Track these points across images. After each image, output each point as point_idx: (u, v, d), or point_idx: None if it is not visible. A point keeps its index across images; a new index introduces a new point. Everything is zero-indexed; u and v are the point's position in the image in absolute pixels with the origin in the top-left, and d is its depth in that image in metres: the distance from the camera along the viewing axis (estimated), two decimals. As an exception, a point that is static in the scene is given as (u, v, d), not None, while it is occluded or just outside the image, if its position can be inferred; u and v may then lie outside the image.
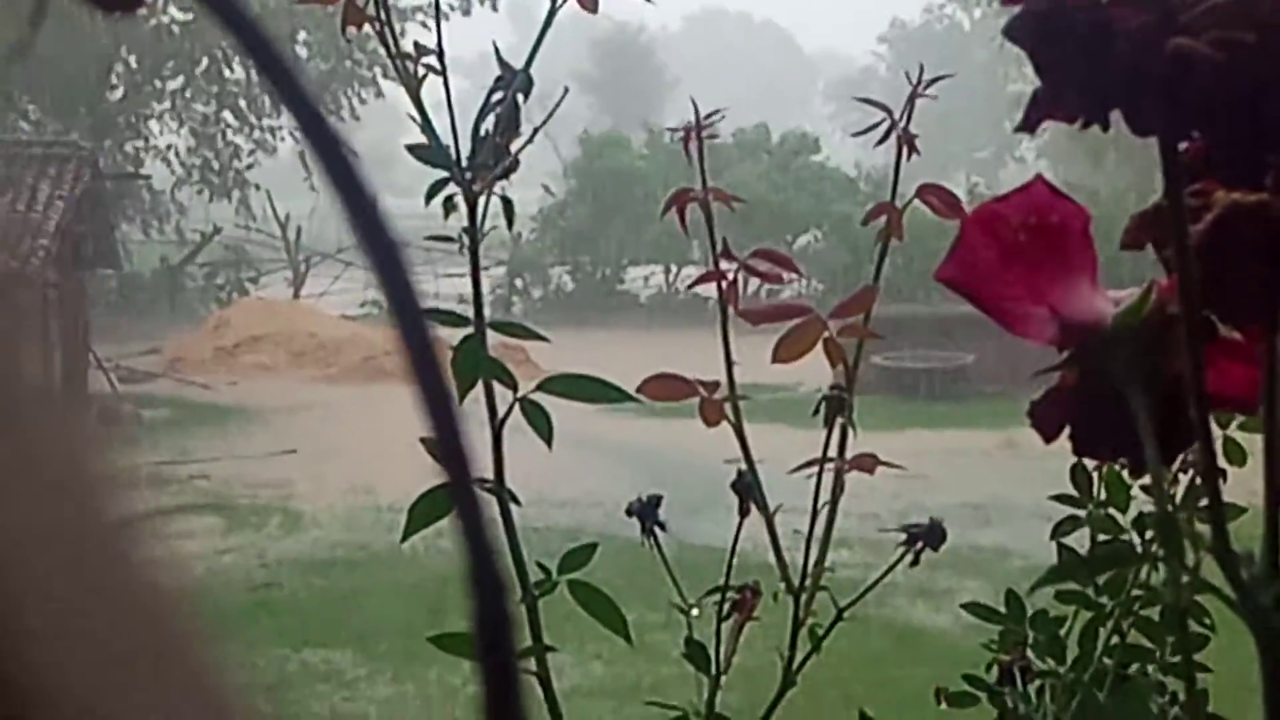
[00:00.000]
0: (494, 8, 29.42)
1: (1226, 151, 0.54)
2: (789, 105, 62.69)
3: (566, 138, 29.66)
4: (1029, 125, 0.55)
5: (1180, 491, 1.68)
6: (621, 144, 28.92)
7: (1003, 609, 1.94)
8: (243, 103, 29.26)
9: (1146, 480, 0.68)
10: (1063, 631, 1.92)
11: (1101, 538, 1.92)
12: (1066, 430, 0.68)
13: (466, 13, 29.60)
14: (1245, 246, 0.56)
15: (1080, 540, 1.92)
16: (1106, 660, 1.90)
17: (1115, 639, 1.89)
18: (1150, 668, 1.89)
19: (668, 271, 27.83)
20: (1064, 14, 0.53)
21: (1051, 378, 0.68)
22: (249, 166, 30.20)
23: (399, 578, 9.62)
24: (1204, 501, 1.09)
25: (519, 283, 29.33)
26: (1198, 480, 1.58)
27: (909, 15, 61.65)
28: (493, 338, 1.68)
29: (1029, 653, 1.92)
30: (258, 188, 30.13)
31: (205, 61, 28.46)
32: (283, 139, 30.40)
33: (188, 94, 29.24)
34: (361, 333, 21.80)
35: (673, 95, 54.40)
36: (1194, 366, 0.59)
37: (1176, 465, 1.25)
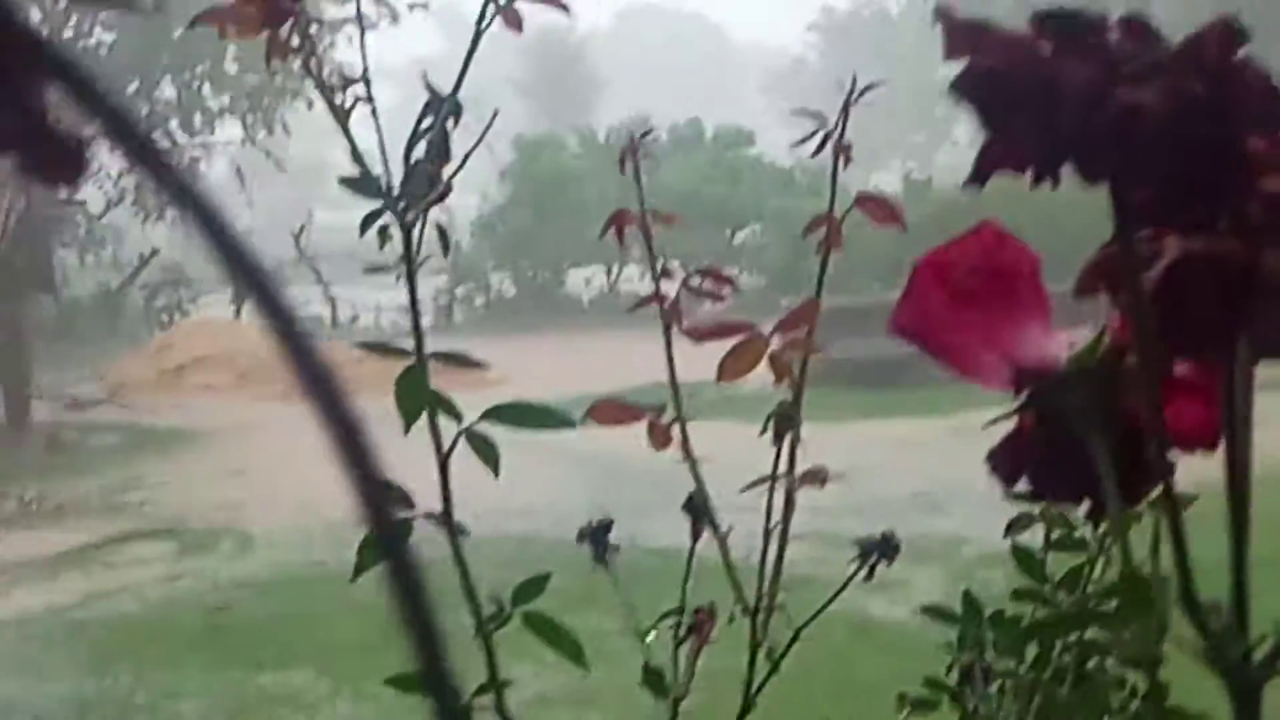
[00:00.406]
0: (425, 10, 29.36)
1: (1177, 201, 0.53)
2: (723, 99, 62.79)
3: (502, 142, 29.64)
4: (978, 179, 0.54)
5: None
6: (557, 146, 28.90)
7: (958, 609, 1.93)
8: (175, 122, 29.10)
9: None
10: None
11: (1055, 534, 1.91)
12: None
13: (395, 20, 29.47)
14: (1199, 291, 0.56)
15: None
16: (1066, 657, 1.89)
17: (1074, 636, 1.88)
18: (1110, 662, 1.89)
19: (609, 272, 27.82)
20: (1009, 69, 0.52)
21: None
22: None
23: (355, 596, 9.52)
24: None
25: (460, 290, 29.28)
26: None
27: (837, 3, 61.88)
28: (436, 345, 1.67)
29: (988, 653, 1.91)
30: (194, 206, 29.98)
31: (136, 81, 28.31)
32: (217, 156, 30.27)
33: (119, 116, 29.07)
34: (305, 349, 21.73)
35: (606, 94, 54.47)
36: (1152, 411, 0.58)
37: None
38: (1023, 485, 0.67)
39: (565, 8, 1.81)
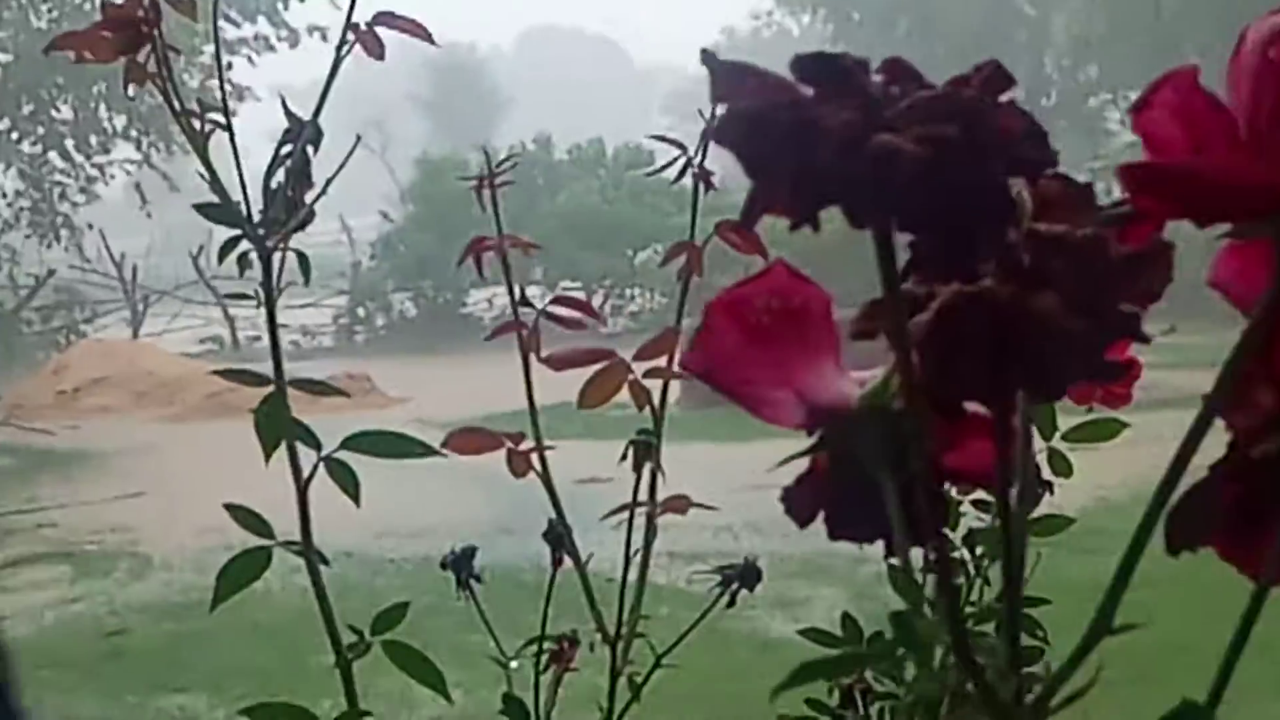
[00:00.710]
0: (323, 38, 29.19)
1: (940, 245, 0.53)
2: (625, 119, 62.80)
3: (403, 161, 29.50)
4: (747, 222, 0.54)
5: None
6: (458, 166, 28.81)
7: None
8: (70, 142, 28.84)
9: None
10: (899, 652, 1.92)
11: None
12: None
13: (294, 45, 29.34)
14: (971, 334, 0.56)
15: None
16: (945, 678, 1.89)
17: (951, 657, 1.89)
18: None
19: (511, 287, 27.65)
20: (770, 114, 0.52)
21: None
22: (77, 205, 29.78)
23: (253, 618, 9.52)
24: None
25: (361, 311, 29.15)
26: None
27: (738, 23, 61.99)
28: (337, 367, 1.66)
29: (867, 674, 1.91)
30: (90, 227, 29.71)
31: (31, 104, 28.06)
32: (114, 176, 30.03)
33: (13, 135, 28.79)
34: (202, 370, 21.60)
35: (509, 114, 54.36)
36: (920, 456, 0.58)
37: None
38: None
39: (428, 36, 1.81)
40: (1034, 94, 36.65)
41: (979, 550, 1.84)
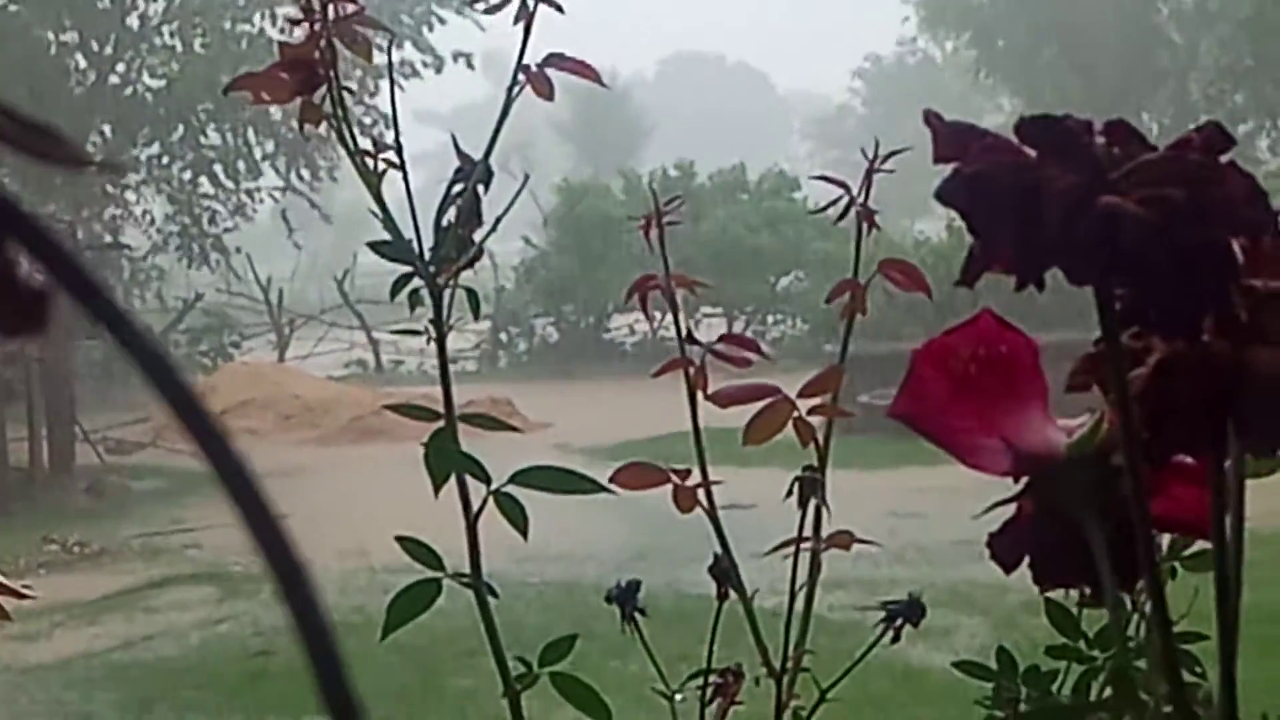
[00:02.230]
0: (469, 64, 29.36)
1: (1162, 304, 0.54)
2: (766, 145, 62.77)
3: (545, 187, 29.64)
4: (968, 281, 0.55)
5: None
6: (600, 192, 28.90)
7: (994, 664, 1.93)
8: (219, 167, 29.18)
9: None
10: (1055, 686, 1.91)
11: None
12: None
13: (439, 70, 29.53)
14: (1187, 390, 0.56)
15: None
16: (1102, 715, 1.88)
17: (1108, 692, 1.88)
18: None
19: (651, 319, 27.65)
20: (995, 176, 0.52)
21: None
22: (227, 230, 30.13)
23: (395, 639, 9.54)
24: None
25: (504, 336, 29.29)
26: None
27: (882, 50, 61.80)
28: (480, 391, 1.69)
29: (1022, 707, 1.91)
30: (238, 250, 30.06)
31: (181, 128, 28.42)
32: (261, 201, 30.35)
33: (164, 160, 29.18)
34: (347, 393, 21.78)
35: (650, 140, 54.49)
36: (1137, 506, 0.58)
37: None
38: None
39: (598, 78, 1.83)
40: (1180, 121, 36.27)
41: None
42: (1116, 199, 0.52)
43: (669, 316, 1.84)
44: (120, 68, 28.02)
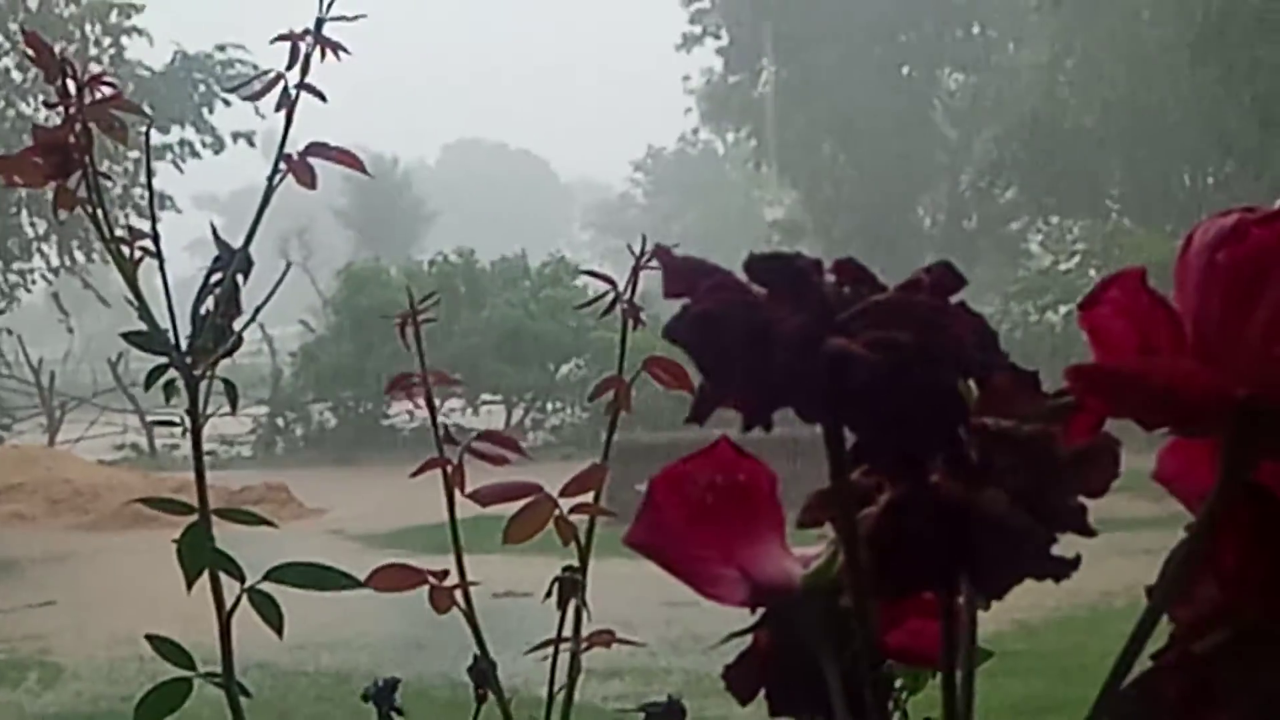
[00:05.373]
0: (250, 143, 29.14)
1: (887, 447, 0.54)
2: (548, 232, 62.99)
3: (325, 272, 29.47)
4: (698, 417, 0.54)
5: None
6: (380, 278, 28.79)
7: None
8: (-9, 248, 28.71)
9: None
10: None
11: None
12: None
13: (218, 151, 29.32)
14: (916, 530, 0.56)
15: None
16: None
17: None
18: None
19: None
20: (723, 315, 0.52)
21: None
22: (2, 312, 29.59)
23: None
24: None
25: (280, 421, 29.01)
26: None
27: (665, 140, 62.29)
28: (256, 476, 1.66)
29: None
30: (9, 333, 29.53)
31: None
32: (34, 283, 29.87)
33: (-68, 245, 28.65)
34: (119, 477, 21.44)
35: (432, 226, 54.42)
36: (865, 644, 0.58)
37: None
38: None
39: (362, 167, 1.82)
40: (955, 216, 37.02)
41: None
42: (844, 341, 0.51)
43: (449, 402, 1.83)
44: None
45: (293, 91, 1.76)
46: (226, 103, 29.23)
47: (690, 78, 42.31)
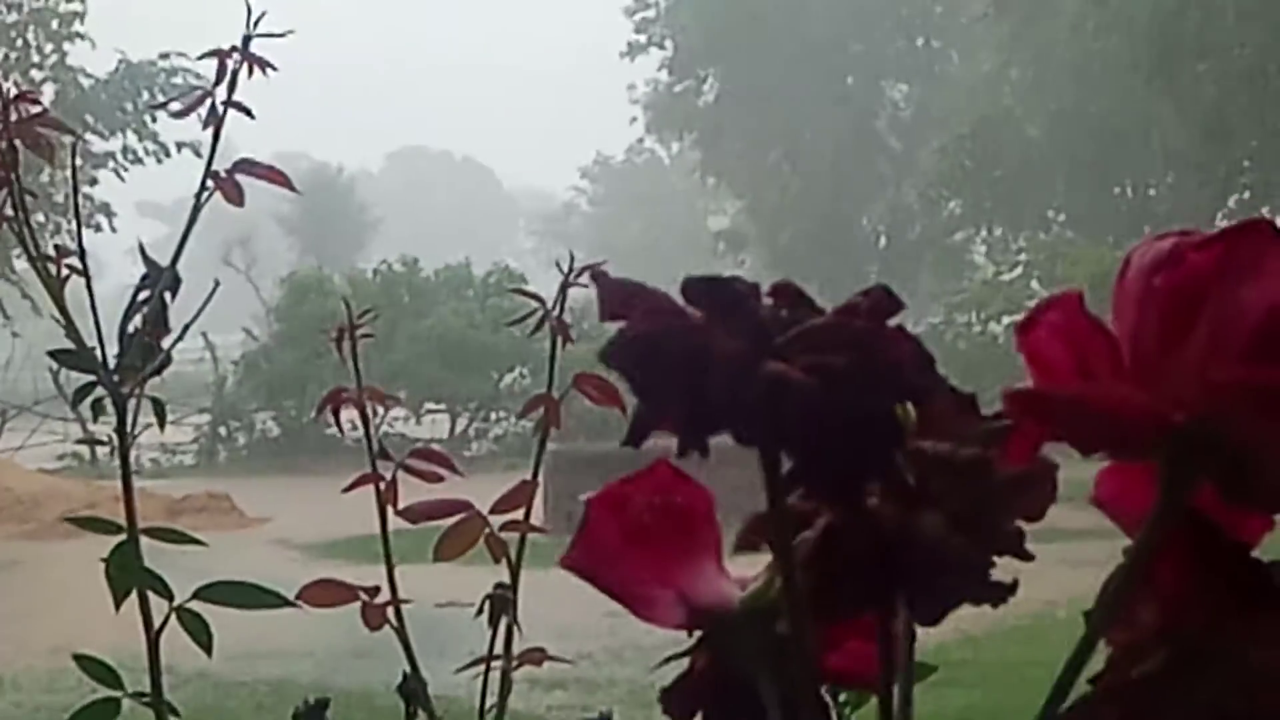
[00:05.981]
0: (195, 153, 28.96)
1: (824, 472, 0.54)
2: (492, 240, 62.88)
3: (268, 280, 29.35)
4: (634, 441, 0.54)
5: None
6: (324, 286, 28.67)
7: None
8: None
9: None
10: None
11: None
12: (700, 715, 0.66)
13: (161, 160, 29.19)
14: (855, 555, 0.56)
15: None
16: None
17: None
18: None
19: (375, 413, 27.47)
20: (659, 339, 0.52)
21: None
22: (-59, 319, 29.40)
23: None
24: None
25: (223, 430, 28.88)
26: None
27: (610, 148, 62.23)
28: (198, 485, 1.65)
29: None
30: (-52, 342, 29.35)
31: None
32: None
33: None
34: (60, 486, 21.29)
35: (376, 234, 54.26)
36: (804, 667, 0.58)
37: None
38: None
39: (288, 184, 1.80)
40: (899, 226, 37.12)
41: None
42: (780, 366, 0.51)
43: (393, 411, 1.82)
44: None
45: (220, 109, 1.75)
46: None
47: (635, 87, 42.26)
